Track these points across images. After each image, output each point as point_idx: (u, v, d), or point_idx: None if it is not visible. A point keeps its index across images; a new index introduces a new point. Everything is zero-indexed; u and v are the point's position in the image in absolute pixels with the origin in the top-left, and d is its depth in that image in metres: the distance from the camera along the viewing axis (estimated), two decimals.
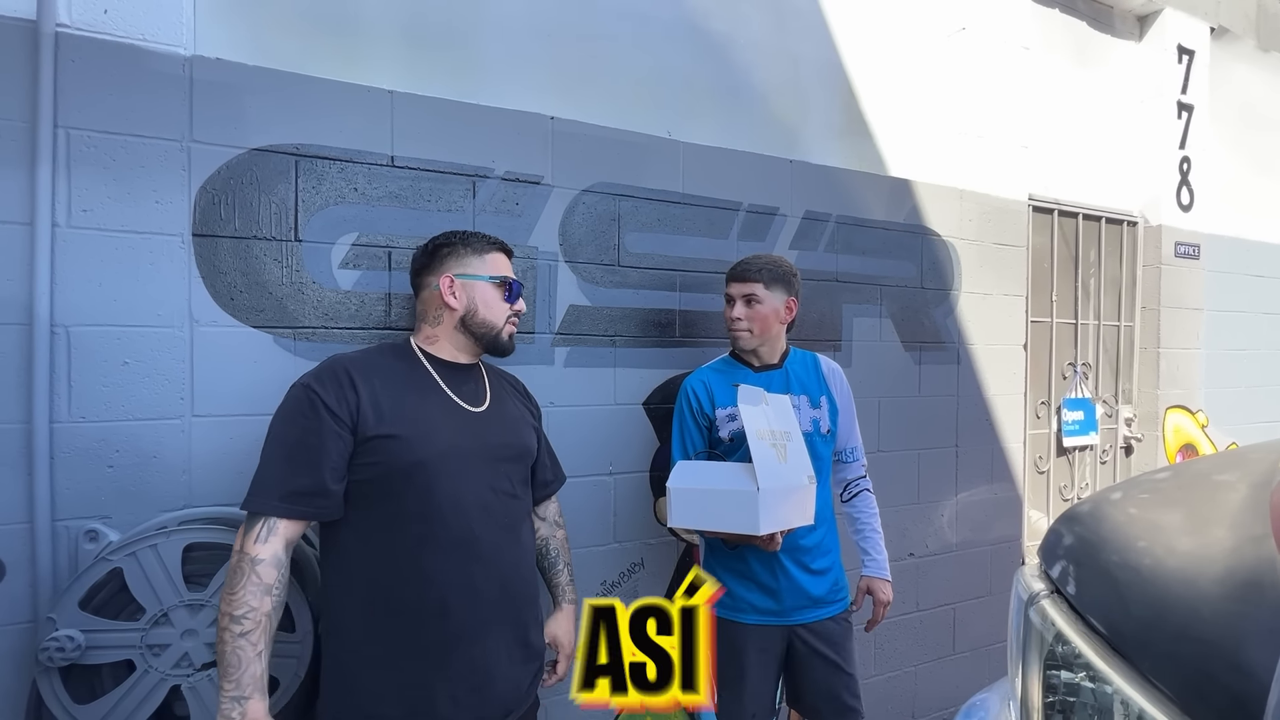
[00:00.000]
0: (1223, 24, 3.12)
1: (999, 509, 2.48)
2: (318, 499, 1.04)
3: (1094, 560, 0.60)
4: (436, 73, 1.56)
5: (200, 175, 1.33)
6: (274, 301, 1.39)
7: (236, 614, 0.97)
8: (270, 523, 1.02)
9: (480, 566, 1.10)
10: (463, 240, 1.25)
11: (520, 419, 1.29)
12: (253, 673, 0.97)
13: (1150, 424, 2.99)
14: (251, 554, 1.00)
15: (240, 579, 0.98)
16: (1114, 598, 0.56)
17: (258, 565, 0.99)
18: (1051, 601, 0.61)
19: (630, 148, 1.79)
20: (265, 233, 1.39)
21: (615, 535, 1.77)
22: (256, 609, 0.98)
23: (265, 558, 1.00)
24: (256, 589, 0.98)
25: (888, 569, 1.63)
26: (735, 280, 1.57)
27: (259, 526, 1.01)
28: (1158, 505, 0.70)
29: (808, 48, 2.10)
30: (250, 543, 1.01)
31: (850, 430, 1.66)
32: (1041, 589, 0.63)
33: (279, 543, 1.02)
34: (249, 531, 1.02)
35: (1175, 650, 0.49)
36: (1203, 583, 0.51)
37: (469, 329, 1.22)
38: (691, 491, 1.33)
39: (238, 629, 0.97)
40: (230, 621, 0.97)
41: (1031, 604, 0.62)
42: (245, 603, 0.97)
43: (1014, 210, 2.50)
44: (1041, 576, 0.66)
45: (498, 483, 1.16)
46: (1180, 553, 0.57)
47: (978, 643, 2.43)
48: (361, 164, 1.47)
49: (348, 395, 1.06)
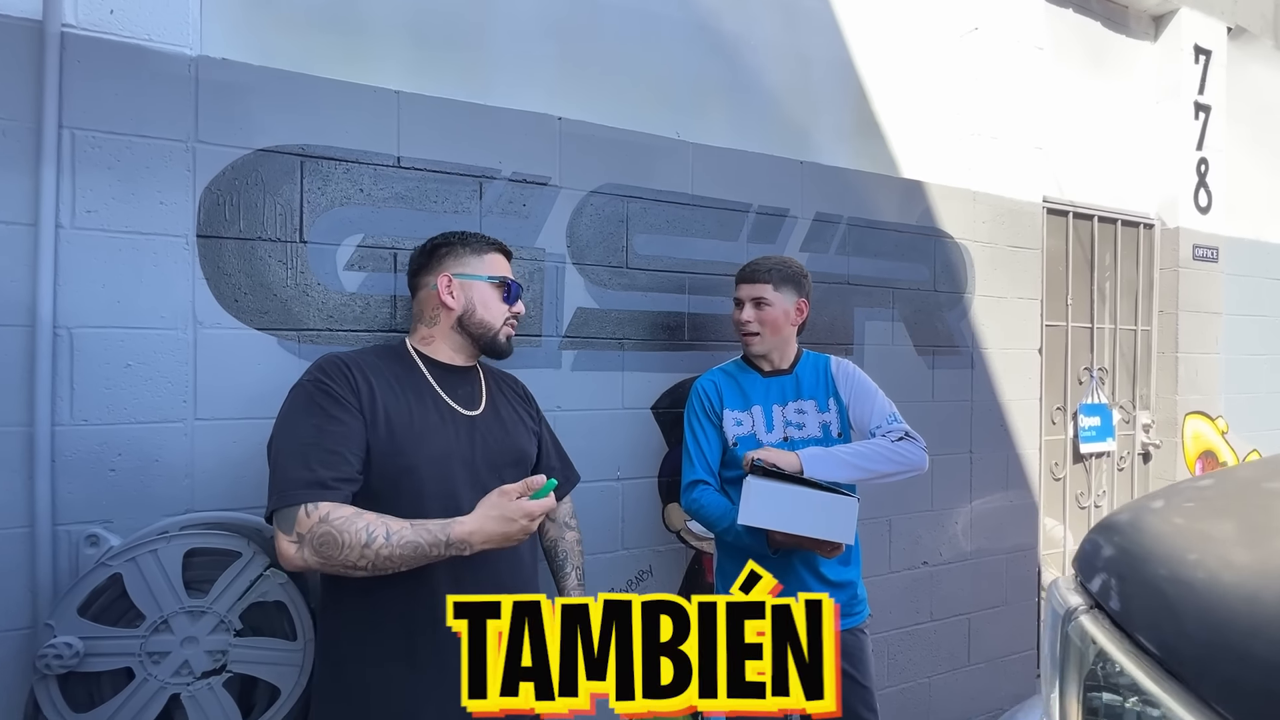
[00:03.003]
0: (1240, 23, 3.07)
1: (1014, 516, 2.43)
2: (347, 485, 0.99)
3: (1139, 574, 0.56)
4: (443, 73, 1.55)
5: (205, 176, 1.32)
6: (278, 303, 1.38)
7: (368, 543, 0.93)
8: (308, 507, 0.95)
9: (472, 575, 1.07)
10: (461, 240, 1.23)
11: (518, 423, 1.26)
12: (428, 522, 0.96)
13: (1169, 430, 2.93)
14: (310, 525, 0.93)
15: (334, 538, 0.92)
16: (1166, 615, 0.52)
17: (331, 520, 0.93)
18: (1092, 617, 0.57)
19: (639, 149, 1.76)
20: (270, 234, 1.37)
21: (623, 542, 1.74)
22: (371, 522, 0.94)
23: (325, 512, 0.94)
24: (350, 523, 0.94)
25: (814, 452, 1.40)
26: (744, 281, 1.54)
27: (300, 513, 0.94)
28: (1206, 515, 0.65)
29: (818, 47, 2.08)
30: (303, 522, 0.94)
31: (869, 411, 1.53)
32: (1080, 603, 0.59)
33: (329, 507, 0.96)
34: (290, 523, 0.94)
35: (1240, 675, 0.45)
36: (1268, 599, 0.47)
37: (466, 329, 1.20)
38: (777, 489, 1.29)
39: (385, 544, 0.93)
40: (376, 549, 0.93)
41: (1069, 620, 0.58)
42: (365, 529, 0.93)
43: (1028, 212, 2.46)
44: (1078, 590, 0.62)
45: (493, 488, 1.13)
46: (1238, 566, 0.53)
47: (993, 654, 2.37)
48: (367, 165, 1.46)
49: (356, 384, 1.05)
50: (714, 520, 1.46)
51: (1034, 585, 2.49)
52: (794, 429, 1.53)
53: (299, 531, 0.95)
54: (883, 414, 1.53)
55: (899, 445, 1.46)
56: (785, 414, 1.54)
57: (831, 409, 1.54)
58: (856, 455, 1.42)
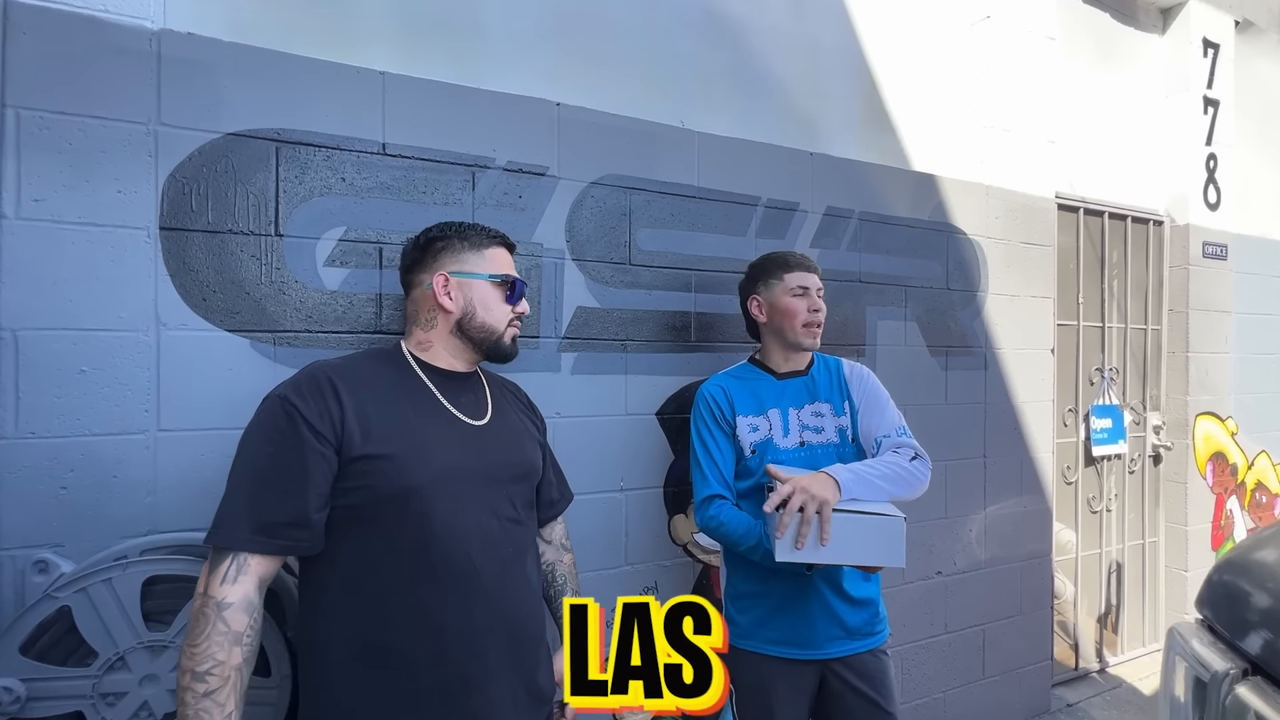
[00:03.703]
0: (1247, 17, 3.02)
1: (1029, 523, 2.34)
2: (296, 530, 0.90)
3: None
4: (433, 54, 1.44)
5: (169, 162, 1.20)
6: (251, 302, 1.25)
7: (200, 670, 0.82)
8: (240, 560, 0.88)
9: (483, 605, 0.96)
10: (459, 234, 1.11)
11: (524, 433, 1.15)
12: None
13: (1179, 431, 2.86)
14: (217, 597, 0.85)
15: (203, 628, 0.84)
16: None
17: (224, 611, 0.85)
18: (1254, 686, 0.46)
19: (642, 137, 1.66)
20: (242, 226, 1.25)
21: (626, 557, 1.63)
22: (224, 663, 0.83)
23: (234, 601, 0.86)
24: (224, 639, 0.84)
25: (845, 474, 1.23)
26: (808, 270, 1.46)
27: (226, 564, 0.87)
28: None
29: (827, 34, 1.98)
30: (216, 584, 0.86)
31: (879, 419, 1.42)
32: (1230, 669, 0.48)
33: (250, 582, 0.88)
34: (215, 570, 0.87)
35: None
36: None
37: (466, 333, 1.09)
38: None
39: (201, 688, 0.82)
40: (192, 679, 0.82)
41: (1221, 688, 0.47)
42: (210, 656, 0.83)
43: (1041, 208, 2.38)
44: (1221, 649, 0.51)
45: (501, 507, 1.02)
46: None
47: (1007, 665, 2.29)
48: (350, 152, 1.34)
49: (330, 407, 0.92)
50: (736, 539, 1.34)
51: (1047, 594, 2.41)
52: (811, 433, 1.43)
53: (207, 582, 0.87)
54: (891, 424, 1.43)
55: (914, 466, 1.34)
56: (802, 417, 1.44)
57: (846, 413, 1.44)
58: (884, 478, 1.30)
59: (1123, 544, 2.79)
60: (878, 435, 1.41)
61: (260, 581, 0.90)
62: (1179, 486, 2.86)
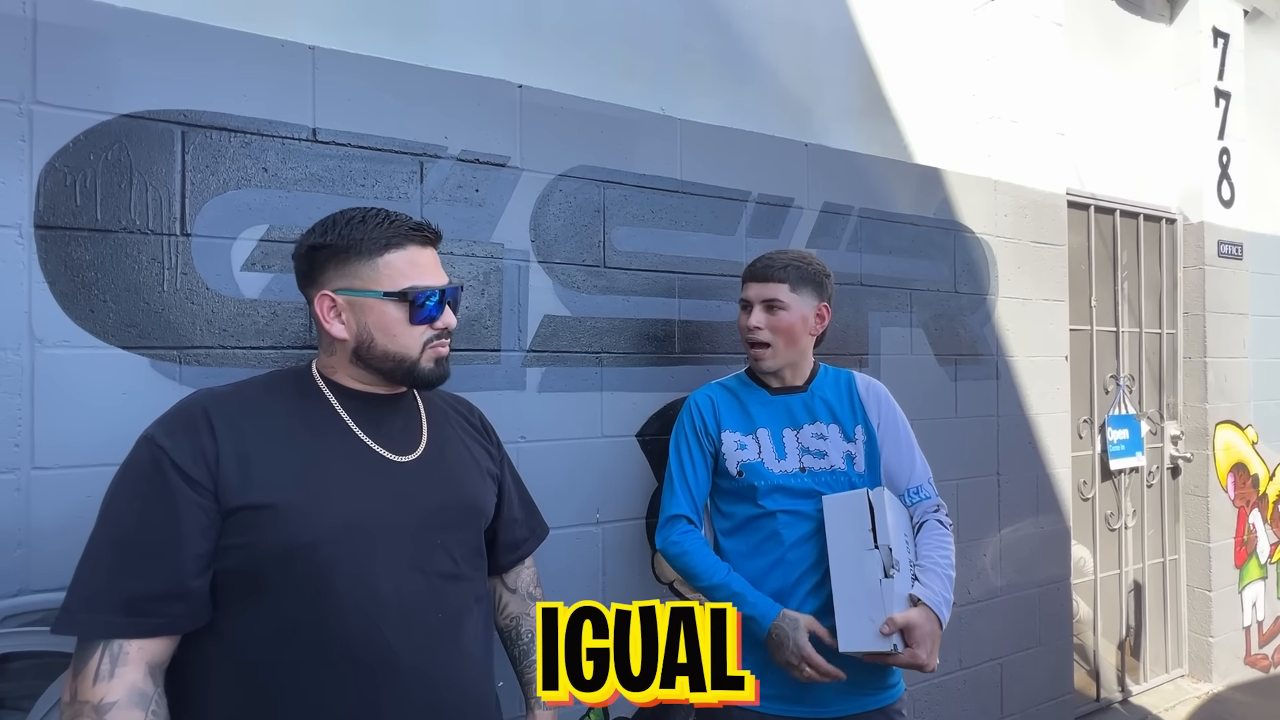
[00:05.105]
0: (1256, 7, 2.89)
1: (1046, 544, 2.16)
2: (171, 604, 0.71)
3: None
4: (375, 26, 1.26)
5: (47, 148, 1.00)
6: (151, 314, 1.06)
7: None
8: (113, 648, 0.68)
9: (392, 692, 0.76)
10: (344, 237, 0.83)
11: (470, 465, 0.94)
12: None
13: (1199, 441, 2.69)
14: (93, 700, 0.66)
15: None
16: None
17: (107, 715, 0.66)
18: None
19: (617, 125, 1.48)
20: (140, 225, 1.06)
21: (604, 597, 1.43)
22: None
23: (116, 698, 0.67)
24: None
25: (944, 604, 1.15)
26: (754, 280, 1.27)
27: (96, 657, 0.68)
28: None
29: (821, 16, 1.82)
30: (87, 685, 0.67)
31: (908, 465, 1.28)
32: None
33: (135, 671, 0.69)
34: (82, 667, 0.68)
35: None
36: None
37: (368, 363, 0.86)
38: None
39: None
40: None
41: None
42: None
43: (1052, 204, 2.22)
44: None
45: (433, 561, 0.82)
46: None
47: (1029, 701, 2.10)
48: (273, 138, 1.15)
49: (205, 446, 0.73)
50: (695, 575, 1.22)
51: (1068, 621, 2.22)
52: (813, 458, 1.25)
53: (75, 687, 0.67)
54: (922, 475, 1.30)
55: (950, 537, 1.26)
56: (800, 440, 1.26)
57: (859, 438, 1.26)
58: (950, 567, 1.21)
59: (1142, 563, 2.61)
60: (908, 486, 1.28)
61: (150, 667, 0.71)
62: (1200, 500, 2.69)
